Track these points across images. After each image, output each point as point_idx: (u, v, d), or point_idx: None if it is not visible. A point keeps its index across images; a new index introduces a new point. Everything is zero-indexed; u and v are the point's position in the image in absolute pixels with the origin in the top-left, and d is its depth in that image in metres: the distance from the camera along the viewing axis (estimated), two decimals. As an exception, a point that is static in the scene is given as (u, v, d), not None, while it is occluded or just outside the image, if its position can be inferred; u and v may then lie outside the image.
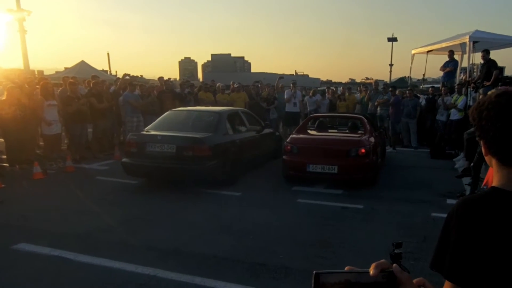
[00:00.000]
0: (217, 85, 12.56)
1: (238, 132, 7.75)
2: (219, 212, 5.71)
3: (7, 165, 8.11)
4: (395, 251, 1.19)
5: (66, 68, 28.24)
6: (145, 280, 3.62)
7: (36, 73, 26.10)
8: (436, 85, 14.99)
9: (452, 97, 10.48)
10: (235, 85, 11.75)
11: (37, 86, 9.36)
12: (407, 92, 11.44)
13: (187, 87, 11.70)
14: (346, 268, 0.87)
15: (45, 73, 29.23)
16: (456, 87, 10.85)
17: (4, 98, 7.92)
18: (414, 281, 0.92)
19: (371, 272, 0.84)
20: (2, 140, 8.34)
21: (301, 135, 7.42)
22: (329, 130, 8.03)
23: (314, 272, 0.81)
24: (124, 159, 7.02)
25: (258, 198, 6.40)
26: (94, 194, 6.52)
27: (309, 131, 7.82)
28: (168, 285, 3.56)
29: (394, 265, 0.89)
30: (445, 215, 1.09)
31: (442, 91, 10.88)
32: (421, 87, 17.79)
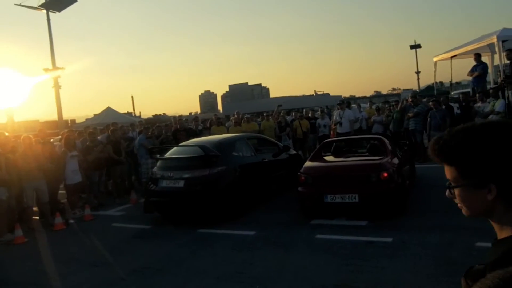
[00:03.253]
0: (230, 118, 12.38)
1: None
2: (229, 256, 5.30)
3: (37, 218, 8.17)
4: None
5: (95, 115, 29.28)
6: None
7: (69, 122, 27.36)
8: (466, 90, 14.14)
9: (488, 103, 9.66)
10: (246, 116, 11.52)
11: (52, 139, 9.62)
12: (430, 103, 10.69)
13: (200, 123, 11.60)
14: None
15: (77, 121, 30.54)
16: (490, 91, 10.04)
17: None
18: None
19: None
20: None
21: (315, 163, 6.89)
22: (346, 155, 7.43)
23: None
24: None
25: (273, 236, 5.91)
26: (108, 243, 6.46)
27: (324, 158, 7.28)
28: None
29: None
30: None
31: (477, 97, 10.09)
32: (452, 93, 16.88)
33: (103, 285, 4.72)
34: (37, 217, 8.23)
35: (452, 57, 13.29)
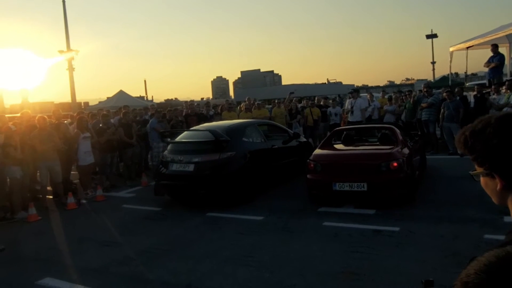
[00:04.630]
0: (241, 105, 12.38)
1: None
2: (238, 240, 5.36)
3: (51, 197, 8.37)
4: None
5: (108, 98, 29.49)
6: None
7: (82, 104, 27.65)
8: (482, 82, 13.88)
9: (504, 95, 9.48)
10: (257, 102, 11.50)
11: (66, 120, 9.75)
12: (444, 94, 10.53)
13: (211, 108, 11.62)
14: None
15: (90, 103, 30.83)
16: (506, 83, 9.84)
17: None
18: None
19: None
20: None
21: (325, 151, 6.88)
22: (357, 144, 7.40)
23: None
24: None
25: (281, 222, 5.96)
26: (118, 223, 6.59)
27: (334, 146, 7.26)
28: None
29: None
30: (502, 237, 0.95)
31: (492, 89, 9.90)
32: (466, 84, 16.59)
33: (113, 264, 4.82)
34: (51, 196, 8.42)
35: (468, 47, 13.01)
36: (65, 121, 10.09)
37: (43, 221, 6.96)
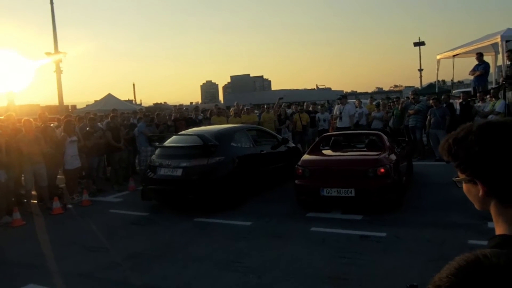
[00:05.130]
0: (231, 109, 12.40)
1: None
2: (226, 245, 5.35)
3: (36, 201, 8.23)
4: None
5: (96, 101, 29.20)
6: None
7: (70, 107, 27.35)
8: (468, 89, 14.13)
9: (489, 103, 9.67)
10: (246, 107, 11.53)
11: (52, 123, 9.63)
12: (431, 101, 10.70)
13: (200, 112, 11.61)
14: None
15: (78, 106, 30.50)
16: (491, 91, 10.04)
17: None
18: None
19: None
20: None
21: (313, 156, 6.93)
22: (344, 149, 7.46)
23: None
24: None
25: (269, 227, 5.97)
26: (105, 228, 6.52)
27: (322, 152, 7.31)
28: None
29: None
30: (485, 243, 0.96)
31: (478, 97, 10.09)
32: (453, 92, 16.88)
33: (99, 269, 4.77)
34: (36, 201, 8.30)
35: (454, 55, 13.25)
36: (52, 124, 9.97)
37: (27, 226, 6.85)
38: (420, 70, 38.65)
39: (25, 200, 8.01)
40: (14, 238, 6.26)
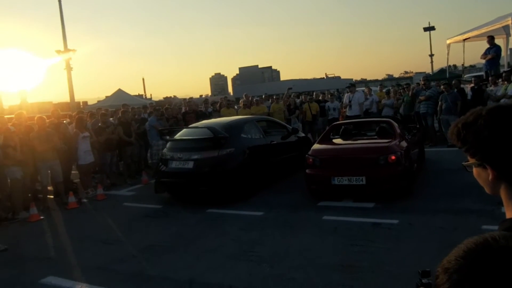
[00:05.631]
0: (240, 101, 12.41)
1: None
2: (238, 236, 5.41)
3: (51, 197, 8.41)
4: (423, 281, 1.05)
5: (106, 97, 29.44)
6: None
7: (81, 104, 27.65)
8: (479, 73, 13.91)
9: (501, 87, 9.51)
10: (255, 99, 11.53)
11: (65, 120, 9.76)
12: (442, 86, 10.56)
13: (210, 105, 11.64)
14: None
15: (89, 103, 30.82)
16: (503, 75, 9.86)
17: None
18: None
19: None
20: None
21: (323, 146, 6.92)
22: (355, 138, 7.43)
23: None
24: None
25: (280, 217, 6.01)
26: (120, 221, 6.63)
27: (333, 140, 7.29)
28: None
29: None
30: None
31: (490, 81, 9.93)
32: (464, 77, 16.62)
33: (115, 262, 4.86)
34: (52, 196, 8.46)
35: (465, 39, 13.02)
36: (64, 121, 10.10)
37: (44, 221, 7.00)
38: (431, 55, 38.06)
39: (41, 196, 8.19)
40: (32, 233, 6.40)
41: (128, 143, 9.62)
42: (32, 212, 7.02)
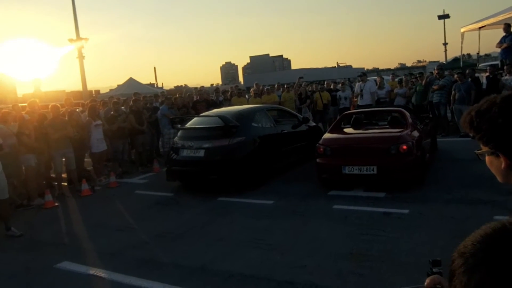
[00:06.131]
0: (251, 90, 12.38)
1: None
2: (249, 224, 5.46)
3: (65, 184, 8.57)
4: (433, 270, 1.05)
5: (118, 85, 29.62)
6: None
7: (93, 93, 27.87)
8: (495, 62, 13.62)
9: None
10: (265, 88, 11.50)
11: (77, 109, 9.87)
12: (455, 75, 10.39)
13: (220, 94, 11.64)
14: None
15: (101, 91, 31.04)
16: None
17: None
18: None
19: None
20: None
21: (335, 135, 6.89)
22: (366, 127, 7.38)
23: None
24: None
25: (290, 206, 6.03)
26: (132, 209, 6.72)
27: (344, 130, 7.26)
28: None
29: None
30: None
31: (505, 70, 9.73)
32: (479, 66, 16.29)
33: (128, 248, 4.95)
34: (65, 184, 8.60)
35: (480, 27, 12.73)
36: (77, 110, 10.21)
37: (59, 208, 7.14)
38: (445, 44, 37.35)
39: (56, 183, 8.33)
40: (46, 219, 6.53)
41: (140, 132, 9.70)
42: (47, 199, 7.16)
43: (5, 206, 5.83)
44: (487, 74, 10.71)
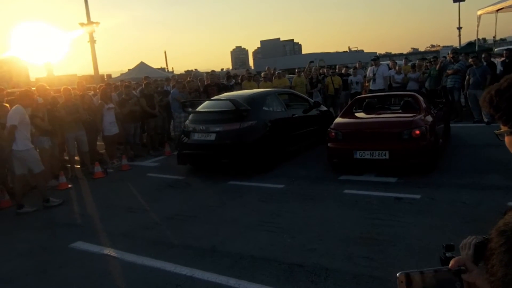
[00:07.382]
0: (262, 74, 12.30)
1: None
2: (259, 207, 5.49)
3: (78, 166, 8.71)
4: (446, 254, 1.04)
5: (129, 70, 29.70)
6: (182, 280, 3.65)
7: (105, 77, 28.01)
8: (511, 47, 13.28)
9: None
10: (277, 72, 11.41)
11: (90, 92, 9.95)
12: (470, 59, 10.17)
13: (232, 78, 11.60)
14: None
15: (113, 76, 31.17)
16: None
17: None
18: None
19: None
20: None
21: (346, 119, 6.83)
22: (378, 112, 7.30)
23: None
24: None
25: (302, 190, 6.04)
26: (144, 191, 6.81)
27: (355, 114, 7.20)
28: (203, 286, 3.54)
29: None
30: None
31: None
32: (495, 50, 15.90)
33: (140, 228, 5.04)
34: (78, 166, 8.73)
35: (498, 10, 12.39)
36: (89, 93, 10.28)
37: (72, 189, 7.28)
38: (459, 28, 36.45)
39: (69, 165, 8.45)
40: (60, 200, 6.65)
41: (151, 115, 9.74)
42: (61, 180, 7.30)
43: (42, 178, 6.29)
44: (503, 58, 10.46)
